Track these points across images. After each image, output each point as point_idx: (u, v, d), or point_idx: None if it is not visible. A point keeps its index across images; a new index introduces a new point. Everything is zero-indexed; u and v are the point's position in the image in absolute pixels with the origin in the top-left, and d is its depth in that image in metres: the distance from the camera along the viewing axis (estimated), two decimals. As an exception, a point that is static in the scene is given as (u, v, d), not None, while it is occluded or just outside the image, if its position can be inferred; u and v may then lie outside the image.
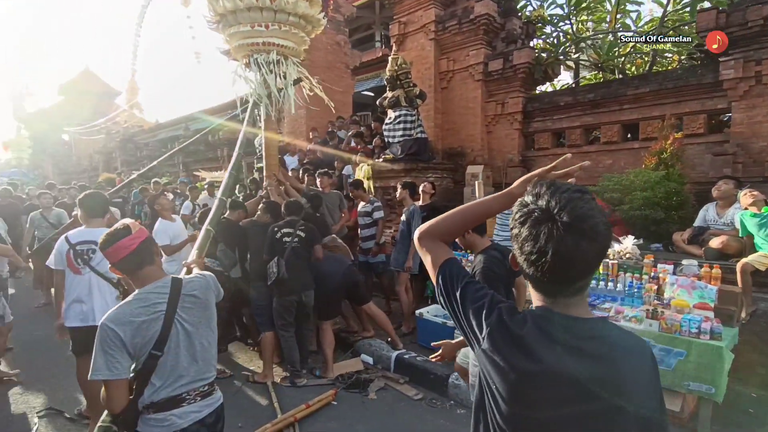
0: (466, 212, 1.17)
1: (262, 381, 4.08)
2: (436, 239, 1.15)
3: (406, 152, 7.03)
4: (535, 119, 7.44)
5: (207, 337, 1.81)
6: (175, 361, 1.70)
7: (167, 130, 18.86)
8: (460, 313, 1.04)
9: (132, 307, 1.65)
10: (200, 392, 1.76)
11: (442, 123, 8.29)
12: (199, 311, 1.79)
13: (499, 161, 7.71)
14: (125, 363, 1.60)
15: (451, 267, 1.11)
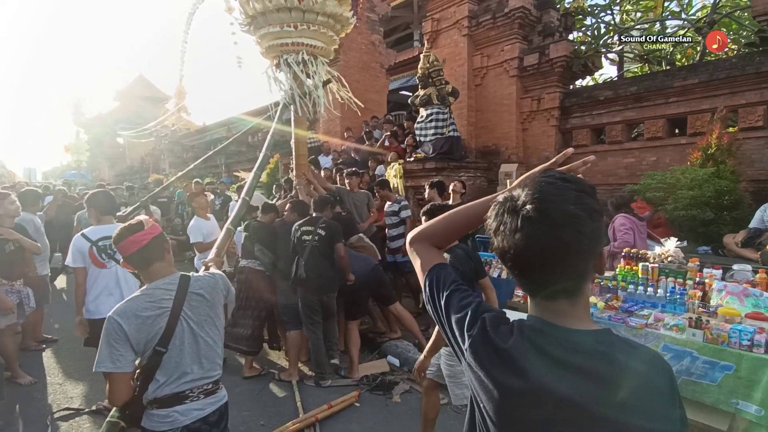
0: (456, 216, 1.09)
1: (287, 380, 4.10)
2: (427, 244, 1.09)
3: (437, 151, 6.91)
4: (573, 115, 7.11)
5: (212, 336, 1.80)
6: (179, 358, 1.70)
7: (212, 132, 19.51)
8: (444, 322, 0.96)
9: (139, 302, 1.66)
10: (204, 390, 1.76)
11: (476, 121, 8.09)
12: (205, 310, 1.79)
13: (535, 159, 7.42)
14: (129, 356, 1.61)
15: (439, 272, 1.02)
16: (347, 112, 10.61)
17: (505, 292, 4.68)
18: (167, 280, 1.74)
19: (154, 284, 1.72)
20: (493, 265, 4.99)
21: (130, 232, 1.72)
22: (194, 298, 1.76)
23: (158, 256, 1.76)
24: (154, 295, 1.69)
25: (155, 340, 1.65)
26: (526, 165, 7.39)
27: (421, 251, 1.08)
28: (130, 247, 1.71)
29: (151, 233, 1.74)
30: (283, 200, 5.30)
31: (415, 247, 1.09)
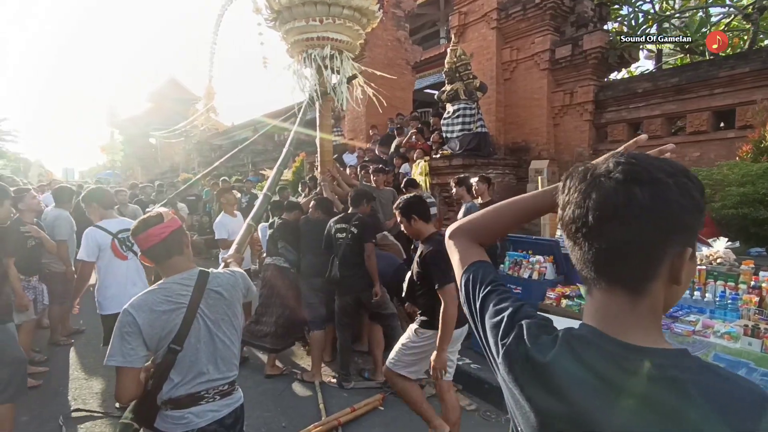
0: (506, 209, 0.96)
1: (310, 380, 4.02)
2: (468, 238, 0.98)
3: (464, 147, 6.73)
4: (608, 109, 6.78)
5: (229, 336, 1.74)
6: (195, 357, 1.64)
7: (239, 132, 19.78)
8: (479, 327, 0.84)
9: (155, 296, 1.61)
10: (220, 391, 1.69)
11: (505, 116, 7.85)
12: (222, 308, 1.72)
13: (567, 156, 7.14)
14: (140, 351, 1.56)
15: (477, 270, 0.90)
16: (372, 110, 10.60)
17: (537, 294, 4.48)
18: (185, 275, 1.68)
19: (172, 278, 1.67)
20: (523, 266, 4.79)
21: (149, 225, 1.67)
22: (212, 295, 1.70)
23: (177, 250, 1.71)
24: (170, 289, 1.64)
25: (170, 338, 1.59)
26: (557, 162, 7.11)
27: (460, 246, 0.96)
28: (149, 240, 1.66)
29: (170, 226, 1.69)
30: (308, 198, 5.23)
31: (454, 241, 0.98)
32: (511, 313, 0.78)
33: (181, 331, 1.61)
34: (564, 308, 4.13)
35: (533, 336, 0.72)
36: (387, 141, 9.34)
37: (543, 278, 4.61)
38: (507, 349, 0.74)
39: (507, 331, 0.76)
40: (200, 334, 1.65)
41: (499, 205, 0.98)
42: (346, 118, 11.34)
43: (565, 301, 4.19)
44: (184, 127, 20.93)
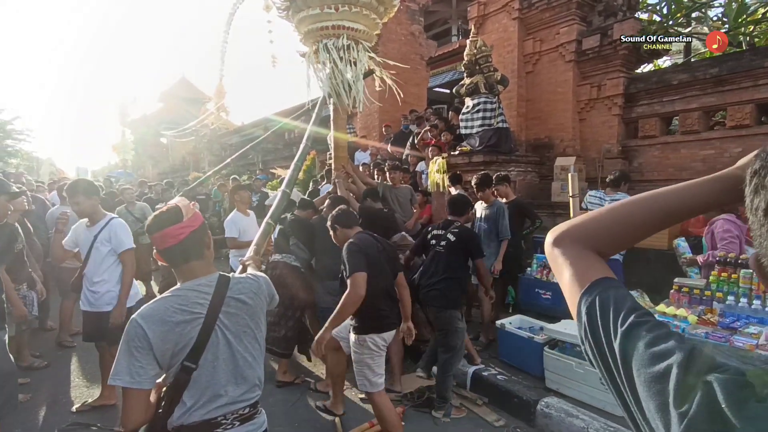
0: (639, 207, 0.71)
1: (325, 390, 3.78)
2: (582, 246, 0.72)
3: (485, 144, 6.45)
4: (639, 103, 6.43)
5: (251, 351, 1.53)
6: (211, 377, 1.43)
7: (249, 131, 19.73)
8: (620, 376, 0.57)
9: (168, 304, 1.41)
10: (240, 416, 1.48)
11: (527, 111, 7.54)
12: (244, 319, 1.52)
13: (594, 153, 6.80)
14: (151, 370, 1.36)
15: (607, 291, 0.63)
16: (385, 106, 10.38)
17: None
18: (203, 281, 1.48)
19: (188, 284, 1.47)
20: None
21: (165, 224, 1.47)
22: (233, 304, 1.50)
23: (196, 254, 1.50)
24: (186, 297, 1.44)
25: (184, 353, 1.39)
26: (584, 159, 6.78)
27: (571, 256, 0.71)
28: (165, 241, 1.46)
29: (189, 226, 1.49)
30: (322, 197, 5.01)
31: (561, 249, 0.73)
32: (684, 361, 0.51)
33: (197, 345, 1.40)
34: (599, 316, 3.84)
35: (736, 402, 0.45)
36: (401, 139, 9.10)
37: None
38: (691, 423, 0.47)
39: (684, 392, 0.49)
40: (219, 349, 1.45)
41: (628, 203, 0.72)
42: (359, 115, 11.12)
43: (600, 307, 3.89)
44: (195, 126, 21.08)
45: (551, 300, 4.41)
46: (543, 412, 3.26)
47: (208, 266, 1.53)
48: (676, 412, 0.49)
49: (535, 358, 3.72)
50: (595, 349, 0.61)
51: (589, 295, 0.64)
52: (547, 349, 3.63)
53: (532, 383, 3.68)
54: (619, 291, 0.64)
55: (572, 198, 3.96)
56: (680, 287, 3.51)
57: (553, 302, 4.38)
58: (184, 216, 1.49)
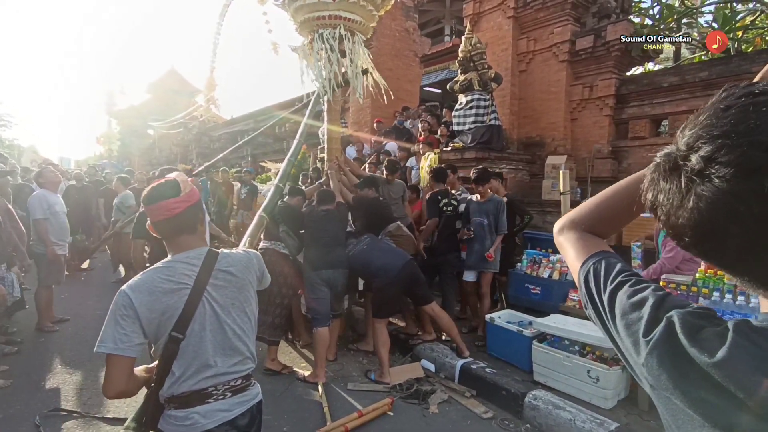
0: (626, 189, 0.81)
1: (313, 381, 3.77)
2: (583, 229, 0.86)
3: (477, 140, 6.50)
4: (629, 104, 6.54)
5: (241, 323, 1.54)
6: (199, 347, 1.45)
7: (239, 125, 19.60)
8: (610, 327, 0.70)
9: (156, 275, 1.44)
10: (231, 387, 1.50)
11: (519, 110, 7.62)
12: (232, 291, 1.53)
13: (585, 152, 6.90)
14: (135, 338, 1.37)
15: (599, 261, 0.76)
16: (377, 102, 10.36)
17: (558, 295, 4.25)
18: (192, 254, 1.50)
19: (178, 256, 1.49)
20: (543, 265, 4.54)
21: (163, 196, 1.48)
22: (221, 276, 1.51)
23: (189, 228, 1.52)
24: (174, 268, 1.46)
25: (171, 323, 1.41)
26: (574, 158, 6.86)
27: (573, 240, 0.85)
28: (159, 213, 1.47)
29: (186, 201, 1.49)
30: (313, 186, 5.00)
31: (564, 236, 0.88)
32: (654, 304, 0.63)
33: (184, 315, 1.42)
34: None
35: (690, 329, 0.57)
36: (395, 134, 9.10)
37: (564, 278, 4.39)
38: (653, 347, 0.60)
39: (650, 326, 0.61)
40: (206, 319, 1.46)
41: (616, 187, 0.83)
42: (350, 110, 11.10)
43: (588, 303, 3.94)
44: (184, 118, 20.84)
45: (540, 295, 4.45)
46: (531, 405, 3.29)
47: (198, 240, 1.54)
48: (644, 340, 0.61)
49: (524, 351, 3.76)
50: (591, 307, 0.73)
51: (585, 266, 0.77)
52: (535, 342, 3.67)
53: (520, 376, 3.71)
54: (611, 259, 0.76)
55: (563, 195, 4.00)
56: (668, 283, 3.57)
57: (543, 297, 4.43)
58: (181, 190, 1.49)
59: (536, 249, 4.89)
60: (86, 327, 4.90)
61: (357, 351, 4.51)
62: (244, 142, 12.16)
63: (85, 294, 6.16)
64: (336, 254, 4.03)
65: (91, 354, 4.11)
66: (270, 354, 3.97)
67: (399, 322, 5.02)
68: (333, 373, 4.00)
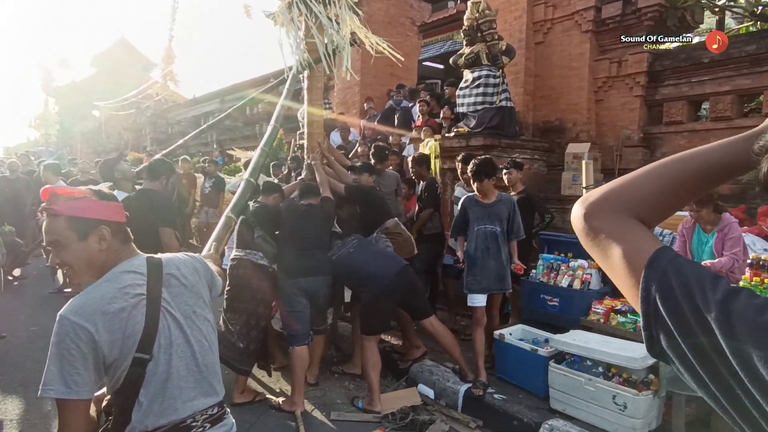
0: (680, 165, 0.74)
1: (289, 410, 3.79)
2: (629, 215, 0.73)
3: (485, 125, 6.50)
4: (664, 83, 6.58)
5: (206, 334, 1.57)
6: (168, 367, 1.45)
7: (202, 105, 19.51)
8: (718, 352, 0.57)
9: (101, 292, 1.41)
10: (209, 416, 1.51)
11: (534, 89, 7.65)
12: (189, 297, 1.57)
13: (612, 139, 6.94)
14: (89, 376, 1.35)
15: (677, 262, 0.66)
16: (367, 79, 10.40)
17: (579, 307, 4.29)
18: (134, 262, 1.52)
19: (118, 268, 1.49)
20: (561, 272, 4.59)
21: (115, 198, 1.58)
22: (173, 282, 1.54)
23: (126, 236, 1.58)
24: (120, 280, 1.45)
25: (132, 345, 1.39)
26: (599, 146, 6.91)
27: (619, 228, 0.72)
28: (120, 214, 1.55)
29: None
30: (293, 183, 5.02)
31: (604, 221, 0.73)
32: None
33: (147, 332, 1.41)
34: (614, 326, 3.95)
35: None
36: (388, 117, 9.13)
37: (587, 288, 4.44)
38: None
39: None
40: (171, 333, 1.47)
41: (665, 162, 0.75)
42: (336, 89, 11.10)
43: (615, 317, 4.01)
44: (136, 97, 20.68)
45: (558, 307, 4.49)
46: (547, 437, 3.32)
47: (134, 250, 1.58)
48: None
49: (539, 374, 3.80)
50: (677, 330, 0.61)
51: (655, 269, 0.65)
52: (552, 363, 3.71)
53: (534, 403, 3.75)
54: (687, 261, 0.66)
55: (585, 190, 4.05)
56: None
57: (561, 310, 4.46)
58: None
59: (554, 253, 4.92)
60: (18, 346, 4.89)
61: (342, 374, 4.53)
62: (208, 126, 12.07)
63: (18, 307, 6.12)
64: (317, 258, 4.04)
65: (24, 377, 4.12)
66: (239, 386, 3.95)
67: (392, 339, 5.04)
68: (313, 401, 4.02)
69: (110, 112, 22.53)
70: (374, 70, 10.32)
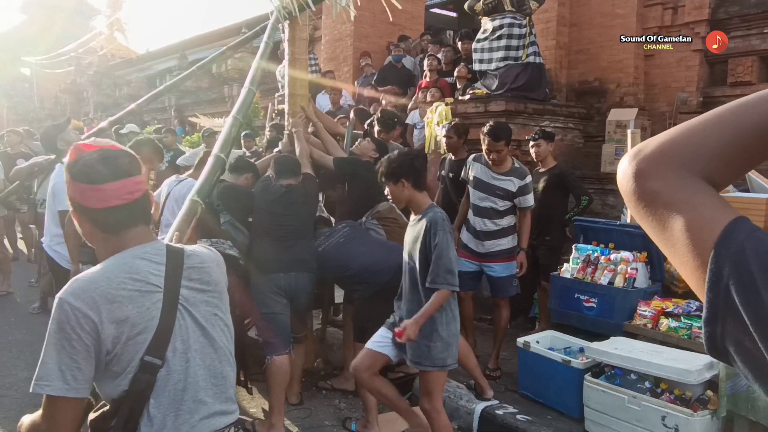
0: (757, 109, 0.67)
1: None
2: (694, 174, 0.68)
3: (509, 85, 6.51)
4: (730, 34, 6.56)
5: (227, 342, 1.65)
6: (185, 376, 1.50)
7: (158, 62, 19.48)
8: None
9: (110, 274, 1.45)
10: None
11: (570, 42, 7.69)
12: (212, 297, 1.63)
13: (664, 104, 7.00)
14: (90, 372, 1.40)
15: (756, 235, 0.62)
16: (362, 29, 10.36)
17: (621, 309, 4.33)
18: (149, 248, 1.55)
19: (131, 251, 1.52)
20: (601, 266, 4.61)
21: (129, 173, 1.52)
22: (195, 276, 1.58)
23: (144, 216, 1.60)
24: (134, 265, 1.49)
25: (141, 344, 1.43)
26: (649, 112, 6.93)
27: (683, 191, 0.67)
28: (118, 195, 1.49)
29: (144, 182, 1.59)
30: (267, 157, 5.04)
31: (662, 181, 0.69)
32: None
33: (161, 331, 1.46)
34: (664, 332, 3.99)
35: None
36: (387, 77, 9.11)
37: (631, 286, 4.44)
38: None
39: None
40: (189, 336, 1.52)
41: (742, 105, 0.69)
42: (324, 41, 11.08)
43: (665, 321, 4.03)
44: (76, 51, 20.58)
45: (597, 309, 4.50)
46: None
47: (151, 233, 1.63)
48: None
49: (571, 390, 3.83)
50: (755, 326, 0.59)
51: (729, 247, 0.61)
52: (588, 377, 3.73)
53: (565, 426, 3.80)
54: (759, 232, 0.62)
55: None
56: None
57: (600, 313, 4.47)
58: (141, 169, 1.56)
59: (591, 243, 4.93)
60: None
61: (332, 390, 4.56)
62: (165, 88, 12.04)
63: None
64: (299, 250, 4.05)
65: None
66: None
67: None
68: (297, 422, 4.06)
69: (43, 69, 22.48)
70: (370, 19, 10.30)
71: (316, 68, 9.85)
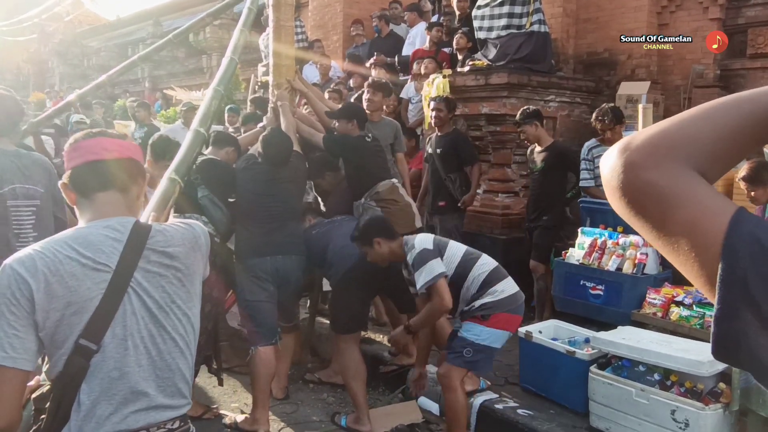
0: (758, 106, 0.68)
1: (250, 430, 3.86)
2: (681, 164, 0.69)
3: (511, 56, 6.49)
4: (750, 2, 6.59)
5: (184, 333, 1.64)
6: (121, 364, 1.51)
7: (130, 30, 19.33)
8: None
9: (57, 246, 1.48)
10: (168, 431, 1.58)
11: (577, 9, 7.66)
12: (172, 284, 1.62)
13: (678, 77, 6.99)
14: (30, 343, 1.42)
15: (757, 224, 0.63)
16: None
17: (630, 296, 4.38)
18: (113, 222, 1.58)
19: (93, 224, 1.57)
20: (608, 251, 4.64)
21: (104, 134, 1.68)
22: (155, 259, 1.59)
23: (119, 184, 1.63)
24: (86, 239, 1.52)
25: (77, 325, 1.45)
26: (662, 86, 6.91)
27: (684, 182, 0.68)
28: (87, 152, 1.60)
29: (130, 151, 1.69)
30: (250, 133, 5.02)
31: (655, 174, 0.69)
32: None
33: (100, 314, 1.47)
34: (675, 321, 4.03)
35: None
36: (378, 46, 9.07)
37: (640, 272, 4.48)
38: None
39: None
40: (134, 321, 1.53)
41: (734, 101, 0.71)
42: (311, 6, 11.02)
43: (676, 309, 4.07)
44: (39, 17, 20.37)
45: (604, 297, 4.55)
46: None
47: (126, 207, 1.64)
48: None
49: (576, 383, 3.86)
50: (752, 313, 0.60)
51: (740, 238, 0.62)
52: (594, 369, 3.77)
53: (569, 421, 3.84)
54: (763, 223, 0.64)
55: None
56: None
57: (607, 301, 4.52)
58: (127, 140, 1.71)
59: (598, 226, 4.96)
60: None
61: (320, 383, 4.61)
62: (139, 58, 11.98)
63: None
64: (287, 232, 4.07)
65: None
66: None
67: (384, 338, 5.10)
68: (282, 418, 4.11)
69: (4, 37, 22.24)
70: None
71: (303, 36, 9.79)
